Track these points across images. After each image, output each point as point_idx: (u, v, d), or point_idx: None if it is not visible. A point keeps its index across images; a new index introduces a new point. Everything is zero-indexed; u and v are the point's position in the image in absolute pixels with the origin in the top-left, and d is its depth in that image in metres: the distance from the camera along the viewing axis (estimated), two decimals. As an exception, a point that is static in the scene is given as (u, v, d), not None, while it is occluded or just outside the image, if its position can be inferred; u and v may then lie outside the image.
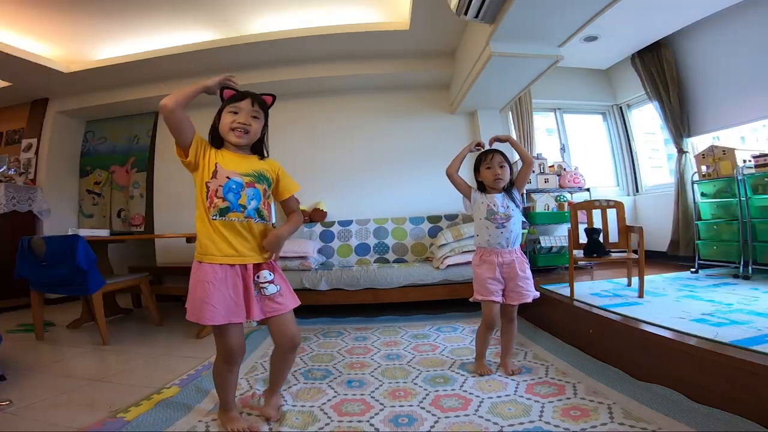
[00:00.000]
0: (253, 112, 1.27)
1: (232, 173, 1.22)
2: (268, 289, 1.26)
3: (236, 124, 1.24)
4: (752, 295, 2.02)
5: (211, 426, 1.31)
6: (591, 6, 2.17)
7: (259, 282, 1.26)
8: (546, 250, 3.25)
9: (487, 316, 1.65)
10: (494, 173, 1.65)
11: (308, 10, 3.02)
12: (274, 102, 1.35)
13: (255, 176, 1.26)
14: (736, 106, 3.02)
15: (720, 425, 1.13)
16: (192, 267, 1.23)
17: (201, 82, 1.23)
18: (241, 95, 1.27)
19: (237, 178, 1.22)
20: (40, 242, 2.38)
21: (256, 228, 1.25)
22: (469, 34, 2.99)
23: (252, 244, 1.25)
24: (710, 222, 2.84)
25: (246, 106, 1.26)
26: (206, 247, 1.20)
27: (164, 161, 4.03)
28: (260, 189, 1.26)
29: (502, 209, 1.64)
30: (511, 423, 1.24)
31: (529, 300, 1.65)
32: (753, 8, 2.80)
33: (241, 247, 1.22)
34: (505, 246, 1.65)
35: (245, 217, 1.22)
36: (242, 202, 1.21)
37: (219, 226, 1.20)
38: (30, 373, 1.88)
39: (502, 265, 1.65)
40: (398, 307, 2.92)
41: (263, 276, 1.26)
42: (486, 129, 3.64)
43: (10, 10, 2.82)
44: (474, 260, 1.73)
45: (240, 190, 1.22)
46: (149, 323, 2.86)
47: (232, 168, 1.23)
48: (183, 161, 1.23)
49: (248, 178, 1.24)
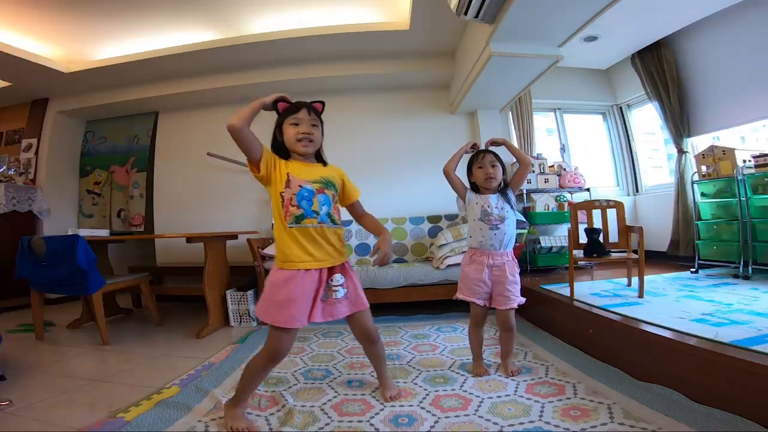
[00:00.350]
0: (311, 121, 1.34)
1: (304, 181, 1.29)
2: (338, 293, 1.33)
3: (301, 135, 1.31)
4: (752, 295, 2.02)
5: (211, 426, 1.31)
6: (591, 6, 2.17)
7: (332, 285, 1.33)
8: (546, 250, 3.25)
9: (473, 314, 1.67)
10: (486, 172, 1.64)
11: (308, 10, 3.02)
12: (324, 108, 1.41)
13: (323, 182, 1.33)
14: (736, 106, 3.02)
15: (720, 425, 1.12)
16: (271, 270, 1.32)
17: (258, 99, 1.31)
18: (296, 107, 1.34)
19: (308, 186, 1.29)
20: (40, 242, 2.38)
21: (329, 233, 1.32)
22: (469, 34, 2.99)
23: (326, 249, 1.31)
24: (710, 222, 2.84)
25: (304, 116, 1.33)
26: (285, 255, 1.27)
27: (164, 161, 4.04)
28: (329, 195, 1.34)
29: (496, 210, 1.62)
30: (511, 423, 1.24)
31: (515, 306, 1.63)
32: (753, 8, 2.80)
33: (317, 252, 1.29)
34: (498, 248, 1.63)
35: (318, 222, 1.29)
36: (315, 208, 1.29)
37: (295, 233, 1.27)
38: (30, 373, 1.88)
39: (492, 267, 1.63)
40: (398, 307, 2.92)
41: (336, 279, 1.33)
42: (486, 129, 3.64)
43: (10, 10, 2.82)
44: (464, 259, 1.72)
45: (312, 197, 1.29)
46: (149, 323, 2.86)
47: (303, 176, 1.30)
48: (256, 176, 1.30)
49: (317, 185, 1.32)
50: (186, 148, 3.97)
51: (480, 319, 1.67)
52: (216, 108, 3.96)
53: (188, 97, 3.81)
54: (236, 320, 2.75)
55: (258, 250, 2.76)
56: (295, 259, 1.26)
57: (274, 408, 1.43)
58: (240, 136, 1.22)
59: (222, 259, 2.88)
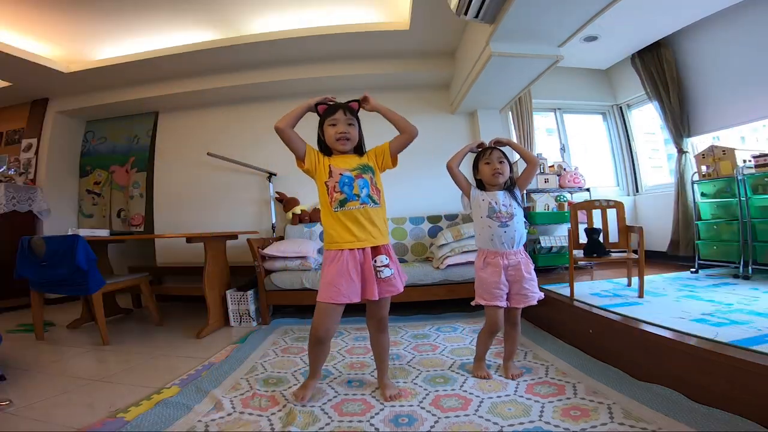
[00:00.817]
0: (348, 120, 1.48)
1: (344, 170, 1.45)
2: (383, 272, 1.43)
3: (339, 134, 1.46)
4: (752, 295, 2.02)
5: (211, 426, 1.31)
6: (591, 6, 2.16)
7: (377, 265, 1.43)
8: (546, 250, 3.25)
9: (492, 321, 1.59)
10: (493, 168, 1.62)
11: (308, 10, 3.02)
12: (360, 107, 1.57)
13: (361, 168, 1.48)
14: (736, 106, 3.02)
15: (720, 425, 1.13)
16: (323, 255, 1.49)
17: (305, 102, 1.50)
18: (333, 108, 1.49)
19: (348, 173, 1.45)
20: (40, 242, 2.38)
21: (372, 212, 1.45)
22: (469, 34, 2.99)
23: (369, 230, 1.43)
24: (710, 222, 2.84)
25: (341, 117, 1.47)
26: (331, 237, 1.43)
27: (164, 161, 4.04)
28: (367, 178, 1.48)
29: (504, 207, 1.60)
30: (511, 423, 1.24)
31: (534, 302, 1.61)
32: (753, 8, 2.80)
33: (360, 233, 1.41)
34: (511, 247, 1.59)
35: (361, 203, 1.43)
36: (356, 192, 1.44)
37: (340, 216, 1.42)
38: (30, 373, 1.88)
39: (508, 268, 1.59)
40: (398, 307, 2.92)
41: (380, 260, 1.44)
42: (486, 129, 3.64)
43: (10, 10, 2.82)
44: (477, 263, 1.66)
45: (352, 182, 1.44)
46: (149, 323, 2.86)
47: (343, 166, 1.46)
48: (302, 169, 1.48)
49: (356, 171, 1.47)
50: (186, 148, 3.97)
51: (498, 326, 1.60)
52: (216, 108, 3.96)
53: (188, 97, 3.81)
54: (236, 320, 2.75)
55: (258, 250, 2.76)
56: (340, 240, 1.41)
57: (275, 408, 1.43)
58: (284, 136, 1.42)
59: (222, 259, 2.88)
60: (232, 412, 1.40)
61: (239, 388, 1.60)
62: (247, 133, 3.87)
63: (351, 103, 1.53)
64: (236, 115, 3.94)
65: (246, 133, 3.88)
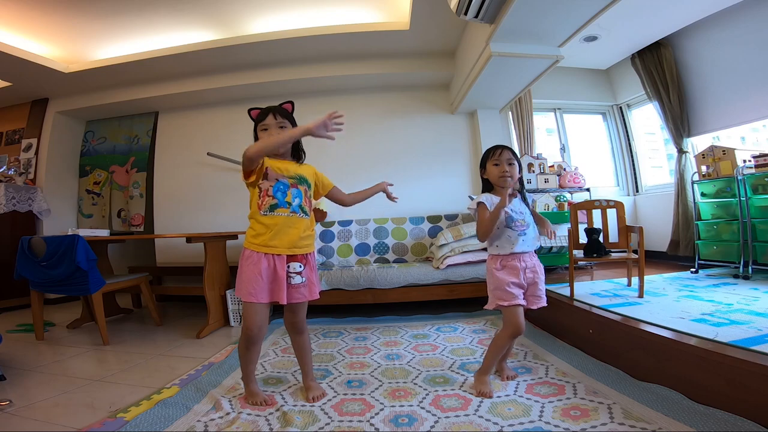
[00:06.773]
0: (278, 124, 1.46)
1: (280, 176, 1.43)
2: (294, 279, 1.44)
3: None
4: (752, 295, 2.02)
5: (210, 426, 1.31)
6: (591, 6, 2.17)
7: (289, 272, 1.43)
8: (546, 250, 3.25)
9: (515, 322, 1.48)
10: (501, 170, 1.55)
11: (308, 10, 3.02)
12: (294, 107, 1.54)
13: (297, 179, 1.47)
14: (735, 106, 3.02)
15: (720, 425, 1.12)
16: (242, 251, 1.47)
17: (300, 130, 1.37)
18: (264, 113, 1.48)
19: (284, 180, 1.44)
20: (40, 242, 2.38)
21: (300, 223, 1.44)
22: (469, 34, 2.99)
23: (291, 238, 1.42)
24: (710, 222, 2.84)
25: (271, 122, 1.46)
26: (252, 236, 1.42)
27: (164, 161, 4.04)
28: (302, 190, 1.47)
29: (519, 215, 1.55)
30: (511, 423, 1.24)
31: (545, 303, 1.57)
32: (753, 8, 2.80)
33: (279, 241, 1.41)
34: (529, 249, 1.56)
35: (291, 212, 1.43)
36: (288, 200, 1.43)
37: (266, 220, 1.41)
38: (30, 373, 1.88)
39: (526, 270, 1.55)
40: (398, 307, 2.92)
41: (293, 267, 1.44)
42: (486, 129, 3.64)
43: (10, 10, 2.82)
44: (492, 265, 1.58)
45: (286, 190, 1.43)
46: (149, 323, 2.86)
47: (280, 171, 1.44)
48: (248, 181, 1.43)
49: (292, 180, 1.45)
50: (186, 148, 3.97)
51: (522, 328, 1.49)
52: (216, 108, 3.96)
53: (188, 97, 3.81)
54: (236, 320, 2.75)
55: (258, 250, 2.75)
56: (258, 242, 1.40)
57: (273, 408, 1.43)
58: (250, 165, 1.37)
59: (222, 259, 2.88)
60: (231, 412, 1.40)
61: (239, 388, 1.60)
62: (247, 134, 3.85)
63: (285, 104, 1.51)
64: (236, 115, 3.94)
65: (246, 134, 3.85)
